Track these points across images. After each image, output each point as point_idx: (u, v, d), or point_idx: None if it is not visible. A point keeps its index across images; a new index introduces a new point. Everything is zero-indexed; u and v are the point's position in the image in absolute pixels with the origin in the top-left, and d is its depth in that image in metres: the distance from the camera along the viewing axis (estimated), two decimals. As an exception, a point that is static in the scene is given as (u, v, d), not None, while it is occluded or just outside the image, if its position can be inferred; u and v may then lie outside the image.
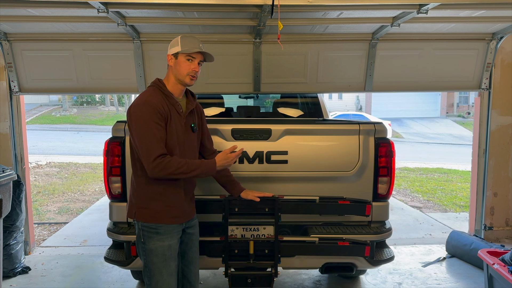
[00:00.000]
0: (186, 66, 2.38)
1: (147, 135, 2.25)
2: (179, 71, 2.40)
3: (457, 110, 30.68)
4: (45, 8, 3.45)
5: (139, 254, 2.50)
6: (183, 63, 2.38)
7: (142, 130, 2.26)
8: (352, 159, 3.09)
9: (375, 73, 4.63)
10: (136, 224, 2.43)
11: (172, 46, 2.42)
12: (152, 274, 2.41)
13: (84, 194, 8.28)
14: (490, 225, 4.95)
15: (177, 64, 2.39)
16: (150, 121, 2.26)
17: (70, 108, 28.28)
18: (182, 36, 2.42)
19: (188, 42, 2.39)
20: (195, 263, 2.66)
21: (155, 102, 2.31)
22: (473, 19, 3.92)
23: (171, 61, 2.42)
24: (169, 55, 2.42)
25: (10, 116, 4.50)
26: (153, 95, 2.36)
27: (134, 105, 2.33)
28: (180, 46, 2.37)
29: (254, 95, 5.74)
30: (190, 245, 2.60)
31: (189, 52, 2.36)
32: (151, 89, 2.43)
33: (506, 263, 3.06)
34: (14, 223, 4.01)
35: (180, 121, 2.41)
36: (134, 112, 2.30)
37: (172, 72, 2.43)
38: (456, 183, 9.65)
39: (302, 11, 3.61)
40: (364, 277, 4.02)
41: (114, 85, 4.66)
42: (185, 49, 2.36)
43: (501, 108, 4.83)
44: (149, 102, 2.29)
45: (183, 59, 2.38)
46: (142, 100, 2.32)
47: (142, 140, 2.26)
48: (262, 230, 2.97)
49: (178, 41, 2.40)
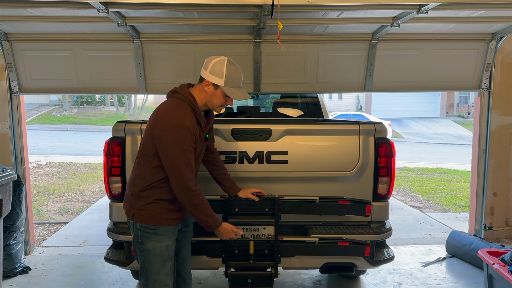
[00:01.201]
0: (222, 100, 2.38)
1: (182, 158, 2.26)
2: (212, 101, 2.37)
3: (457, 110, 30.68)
4: (45, 8, 3.45)
5: (136, 254, 2.49)
6: (220, 97, 2.36)
7: (178, 152, 2.25)
8: (352, 159, 3.09)
9: (375, 73, 4.63)
10: (133, 225, 2.42)
11: (215, 73, 2.32)
12: (149, 275, 2.41)
13: (84, 194, 8.29)
14: (490, 225, 4.95)
15: (214, 95, 2.36)
16: (188, 145, 2.26)
17: (70, 108, 28.27)
18: (229, 66, 2.33)
19: (234, 80, 2.34)
20: (188, 261, 2.69)
21: (192, 125, 2.28)
22: (473, 19, 3.92)
23: (208, 87, 2.35)
24: (209, 81, 2.34)
25: (10, 116, 4.50)
26: (188, 117, 2.30)
27: (172, 126, 2.23)
28: (224, 82, 2.32)
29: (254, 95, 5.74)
30: (184, 243, 2.62)
31: (232, 97, 2.34)
32: (183, 104, 2.33)
33: (506, 263, 3.06)
34: (14, 223, 4.01)
35: (201, 137, 2.42)
36: (172, 132, 2.23)
37: (205, 96, 2.37)
38: (456, 183, 9.65)
39: (302, 11, 3.61)
40: (364, 277, 4.02)
41: (114, 85, 4.66)
42: (229, 89, 2.33)
43: (501, 108, 4.83)
44: (188, 126, 2.25)
45: (222, 93, 2.35)
46: (180, 121, 2.25)
47: (176, 161, 2.25)
48: (262, 230, 2.98)
49: (224, 73, 2.32)
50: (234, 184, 2.82)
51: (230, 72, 2.34)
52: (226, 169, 2.81)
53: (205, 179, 2.90)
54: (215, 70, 2.33)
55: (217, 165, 2.77)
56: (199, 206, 2.35)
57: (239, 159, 3.06)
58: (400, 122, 25.86)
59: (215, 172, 2.78)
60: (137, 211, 2.39)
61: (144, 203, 2.37)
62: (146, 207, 2.37)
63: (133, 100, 27.86)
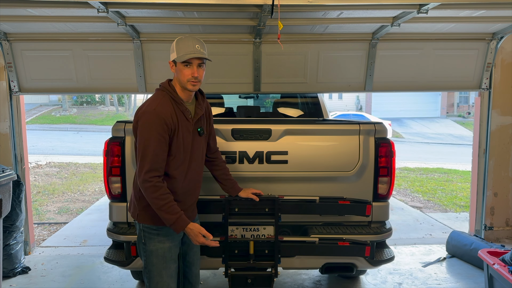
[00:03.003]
0: (185, 73, 2.30)
1: (148, 146, 2.22)
2: (180, 78, 2.33)
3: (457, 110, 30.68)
4: (45, 8, 3.45)
5: (140, 254, 2.50)
6: (182, 70, 2.30)
7: (145, 139, 2.23)
8: (352, 159, 3.09)
9: (375, 73, 4.63)
10: (137, 225, 2.44)
11: (171, 52, 2.34)
12: (152, 276, 2.41)
13: (84, 194, 8.28)
14: (490, 225, 4.94)
15: (178, 71, 2.33)
16: (154, 131, 2.22)
17: (70, 108, 28.29)
18: (177, 40, 2.32)
19: (183, 47, 2.28)
20: (195, 264, 2.66)
21: (164, 112, 2.24)
22: (473, 19, 3.92)
23: (173, 68, 2.36)
24: (170, 62, 2.36)
25: (10, 116, 4.50)
26: (162, 103, 2.28)
27: (143, 112, 2.26)
28: (176, 53, 2.29)
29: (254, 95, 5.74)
30: (191, 246, 2.60)
31: (182, 60, 2.27)
32: (161, 94, 2.35)
33: (506, 263, 3.05)
34: (14, 223, 4.01)
35: (188, 128, 2.37)
36: (142, 118, 2.25)
37: (176, 79, 2.37)
38: (456, 183, 9.64)
39: (302, 11, 3.61)
40: (364, 277, 4.02)
41: (114, 85, 4.65)
42: (180, 55, 2.27)
43: (501, 108, 4.83)
44: (158, 112, 2.23)
45: (181, 66, 2.30)
46: (151, 107, 2.25)
47: (142, 148, 2.23)
48: (262, 230, 2.97)
49: (174, 47, 2.31)
50: (235, 185, 2.81)
51: (179, 43, 2.30)
52: (227, 169, 2.80)
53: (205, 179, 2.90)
54: (171, 50, 2.34)
55: (218, 165, 2.76)
56: (156, 201, 2.23)
57: (239, 159, 3.05)
58: (400, 122, 25.87)
59: (216, 172, 2.77)
60: (140, 212, 2.40)
61: (146, 204, 2.36)
62: (149, 207, 2.35)
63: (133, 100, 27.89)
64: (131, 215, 2.50)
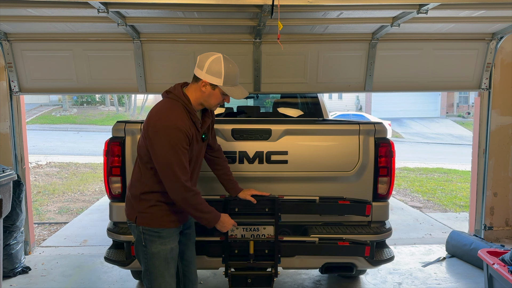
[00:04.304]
0: (219, 99, 2.32)
1: (175, 160, 2.19)
2: (210, 101, 2.31)
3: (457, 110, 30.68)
4: (45, 8, 3.45)
5: (139, 257, 2.47)
6: (218, 97, 2.30)
7: (170, 154, 2.18)
8: (352, 159, 3.09)
9: (375, 73, 4.63)
10: (135, 228, 2.40)
11: (212, 72, 2.23)
12: (154, 278, 2.40)
13: (84, 194, 8.29)
14: (490, 225, 4.95)
15: (211, 94, 2.28)
16: (179, 146, 2.19)
17: (70, 108, 28.29)
18: (226, 65, 2.24)
19: (232, 78, 2.27)
20: (193, 262, 2.68)
21: (184, 126, 2.21)
22: (473, 19, 3.92)
23: (205, 88, 2.27)
24: (206, 82, 2.26)
25: (10, 116, 4.50)
26: (181, 117, 2.23)
27: (164, 126, 2.18)
28: (223, 81, 2.24)
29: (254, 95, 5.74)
30: (188, 245, 2.61)
31: (232, 96, 2.28)
32: (176, 105, 2.27)
33: (506, 263, 3.06)
34: (14, 223, 4.01)
35: (198, 137, 2.37)
36: (162, 132, 2.18)
37: (201, 95, 2.30)
38: (456, 183, 9.65)
39: (302, 11, 3.61)
40: (364, 277, 4.02)
41: (114, 85, 4.65)
42: (228, 88, 2.26)
43: (501, 108, 4.83)
44: (179, 127, 2.19)
45: (220, 93, 2.29)
46: (172, 122, 2.19)
47: (168, 163, 2.19)
48: (262, 230, 2.97)
49: (222, 72, 2.23)
50: (235, 185, 2.82)
51: (228, 71, 2.26)
52: (229, 169, 2.80)
53: (205, 179, 2.91)
54: (212, 69, 2.24)
55: (219, 164, 2.76)
56: (198, 206, 2.31)
57: (239, 159, 3.06)
58: (400, 122, 25.86)
59: (217, 172, 2.77)
60: (139, 214, 2.37)
61: (146, 206, 2.35)
62: (149, 209, 2.35)
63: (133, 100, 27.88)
64: (126, 216, 2.46)
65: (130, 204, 2.42)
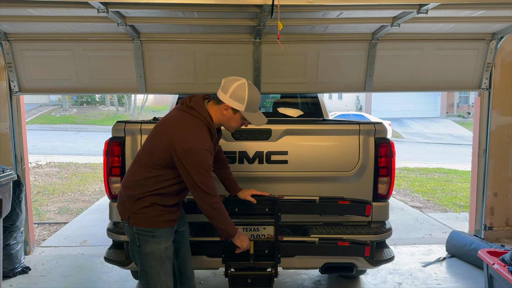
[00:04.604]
0: (239, 123, 2.41)
1: (206, 176, 2.29)
2: (230, 124, 2.40)
3: (457, 110, 30.68)
4: (45, 8, 3.45)
5: (134, 258, 2.47)
6: (238, 121, 2.39)
7: (202, 174, 2.27)
8: (352, 159, 3.09)
9: (375, 73, 4.63)
10: (129, 228, 2.39)
11: (236, 97, 2.31)
12: (150, 277, 2.40)
13: (84, 194, 8.29)
14: (490, 225, 4.95)
15: (232, 118, 2.37)
16: (209, 166, 2.30)
17: (70, 108, 28.29)
18: (250, 92, 2.32)
19: (254, 105, 2.35)
20: (189, 259, 2.70)
21: (210, 146, 2.31)
22: (473, 19, 3.92)
23: (227, 111, 2.34)
24: (228, 106, 2.33)
25: (10, 116, 4.50)
26: (207, 138, 2.31)
27: (193, 148, 2.23)
28: (245, 107, 2.32)
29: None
30: (182, 242, 2.63)
31: (251, 122, 2.37)
32: (201, 125, 2.32)
33: (506, 263, 3.06)
34: (14, 223, 4.01)
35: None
36: (193, 154, 2.24)
37: (222, 118, 2.38)
38: (456, 183, 9.65)
39: (302, 11, 3.61)
40: (364, 277, 4.02)
41: (114, 85, 4.65)
42: (249, 114, 2.34)
43: (501, 108, 4.83)
44: (208, 149, 2.28)
45: (240, 118, 2.37)
46: (201, 145, 2.25)
47: (200, 182, 2.27)
48: (262, 230, 2.97)
49: (245, 98, 2.31)
50: (235, 185, 2.82)
51: (251, 97, 2.33)
52: (229, 168, 2.81)
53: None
54: (236, 94, 2.31)
55: (219, 164, 2.76)
56: (223, 218, 2.42)
57: (239, 159, 3.06)
58: (400, 122, 25.86)
59: (217, 171, 2.77)
60: (132, 215, 2.36)
61: (140, 207, 2.35)
62: (142, 210, 2.35)
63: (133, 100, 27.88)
64: (120, 215, 2.46)
65: (123, 203, 2.42)
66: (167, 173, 2.33)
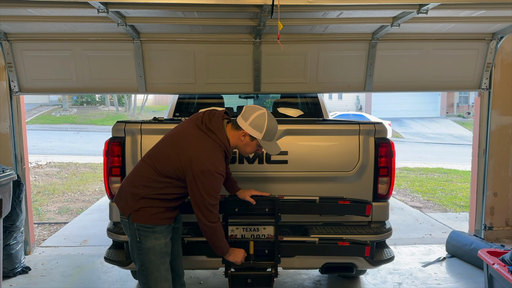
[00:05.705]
0: (254, 149, 2.51)
1: (214, 198, 2.36)
2: (245, 149, 2.50)
3: (457, 110, 30.67)
4: (45, 8, 3.45)
5: (133, 254, 2.50)
6: (253, 147, 2.49)
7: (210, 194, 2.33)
8: (352, 159, 3.09)
9: (375, 73, 4.63)
10: (129, 224, 2.43)
11: (255, 126, 2.41)
12: (150, 272, 2.45)
13: (84, 194, 8.29)
14: (490, 225, 4.95)
15: (248, 144, 2.47)
16: (219, 188, 2.39)
17: (70, 108, 28.28)
18: (269, 122, 2.42)
19: (271, 134, 2.45)
20: (180, 256, 2.76)
21: (224, 171, 2.39)
22: (473, 19, 3.92)
23: (245, 138, 2.45)
24: (246, 133, 2.43)
25: (10, 116, 4.50)
26: (222, 163, 2.39)
27: (209, 171, 2.30)
28: (263, 136, 2.42)
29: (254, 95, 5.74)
30: (175, 239, 2.68)
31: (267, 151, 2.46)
32: (218, 149, 2.40)
33: (506, 263, 3.06)
34: (14, 223, 4.01)
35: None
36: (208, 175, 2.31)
37: (238, 143, 2.47)
38: (456, 183, 9.65)
39: (302, 11, 3.61)
40: (364, 277, 4.02)
41: (114, 85, 4.65)
42: (265, 143, 2.44)
43: (501, 108, 4.83)
44: (222, 173, 2.36)
45: (256, 145, 2.48)
46: (218, 169, 2.33)
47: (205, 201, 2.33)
48: (262, 230, 2.97)
49: (264, 128, 2.40)
50: (235, 184, 2.84)
51: (270, 127, 2.43)
52: (228, 168, 2.81)
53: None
54: (255, 123, 2.41)
55: None
56: (220, 236, 2.48)
57: (239, 159, 3.06)
58: (400, 122, 25.86)
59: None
60: (134, 212, 2.41)
61: (143, 206, 2.40)
62: (144, 208, 2.40)
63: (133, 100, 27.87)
64: (120, 210, 2.48)
65: (125, 199, 2.45)
66: (175, 183, 2.40)
